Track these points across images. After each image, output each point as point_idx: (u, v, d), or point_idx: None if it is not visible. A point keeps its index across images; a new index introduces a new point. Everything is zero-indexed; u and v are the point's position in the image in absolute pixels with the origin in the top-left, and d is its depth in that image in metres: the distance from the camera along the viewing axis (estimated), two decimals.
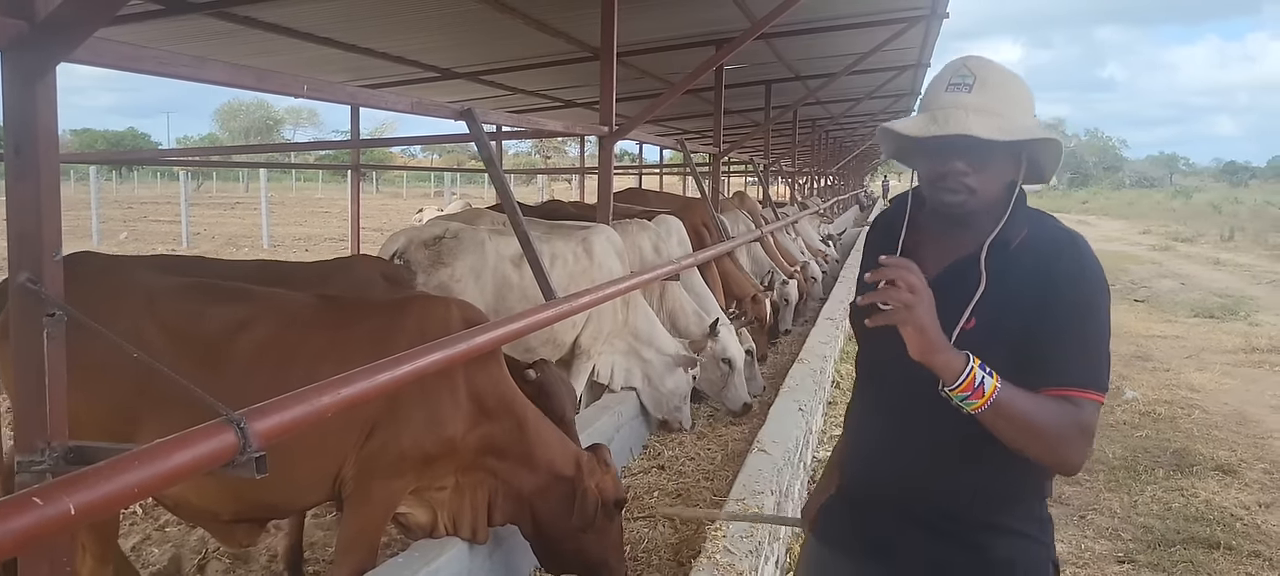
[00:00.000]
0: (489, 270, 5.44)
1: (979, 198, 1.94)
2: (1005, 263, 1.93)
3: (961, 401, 1.80)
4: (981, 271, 1.93)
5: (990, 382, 1.79)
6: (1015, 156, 1.96)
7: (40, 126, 2.05)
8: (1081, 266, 1.92)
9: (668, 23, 8.61)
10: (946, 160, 1.92)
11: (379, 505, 3.33)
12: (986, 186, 1.94)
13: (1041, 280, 1.90)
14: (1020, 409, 1.81)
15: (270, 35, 7.58)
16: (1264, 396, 9.23)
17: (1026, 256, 1.93)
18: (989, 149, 1.88)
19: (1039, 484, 2.02)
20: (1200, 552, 5.24)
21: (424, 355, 2.70)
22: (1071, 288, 1.89)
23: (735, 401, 6.83)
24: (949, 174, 1.92)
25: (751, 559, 3.47)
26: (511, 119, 6.57)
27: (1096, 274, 1.94)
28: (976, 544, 2.00)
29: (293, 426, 2.12)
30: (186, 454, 1.85)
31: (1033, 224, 1.99)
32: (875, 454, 2.13)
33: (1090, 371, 1.87)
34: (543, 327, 3.93)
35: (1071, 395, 1.84)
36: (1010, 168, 1.96)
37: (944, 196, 1.95)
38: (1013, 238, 1.95)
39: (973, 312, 1.90)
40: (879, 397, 2.15)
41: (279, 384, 2.30)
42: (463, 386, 3.40)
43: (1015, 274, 1.92)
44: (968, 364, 1.79)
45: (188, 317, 3.26)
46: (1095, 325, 1.90)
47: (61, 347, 2.13)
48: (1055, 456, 1.87)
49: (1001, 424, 1.81)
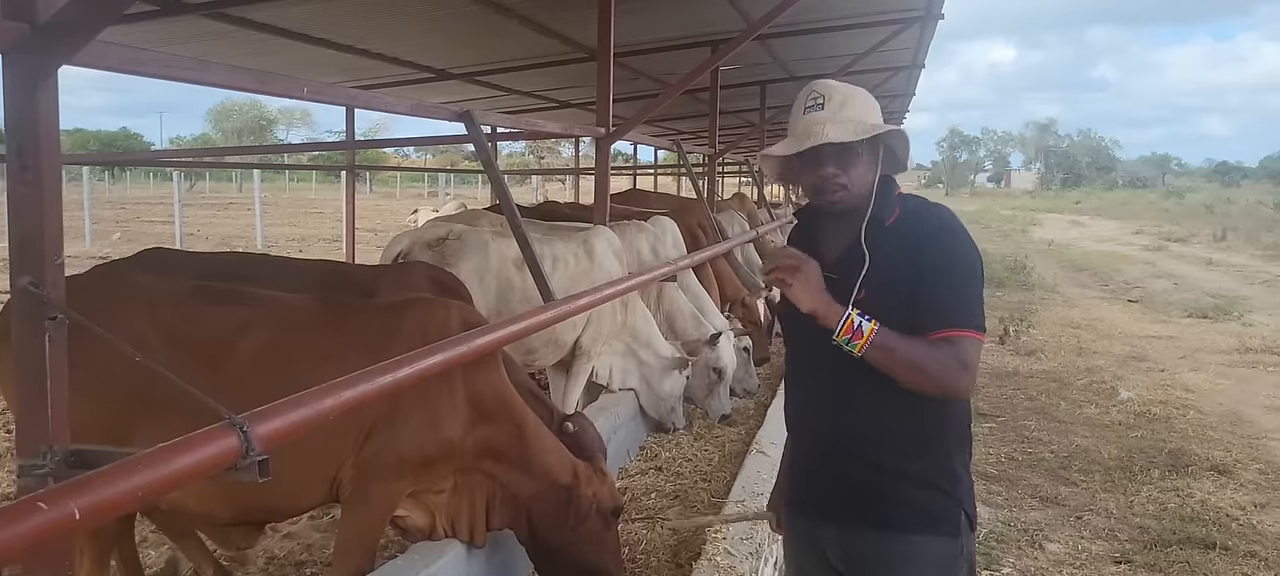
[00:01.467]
0: (492, 272, 5.45)
1: (852, 192, 2.32)
2: (883, 238, 2.30)
3: (846, 345, 2.18)
4: (863, 249, 2.28)
5: (867, 326, 2.17)
6: (874, 152, 2.34)
7: (42, 130, 2.04)
8: (939, 227, 2.29)
9: (664, 24, 8.60)
10: (820, 167, 2.31)
11: (377, 507, 3.33)
12: (857, 181, 2.31)
13: (914, 244, 2.27)
14: (899, 347, 2.17)
15: (265, 36, 7.56)
16: (1258, 397, 9.26)
17: (900, 230, 2.31)
18: (850, 150, 2.27)
19: (943, 439, 2.33)
20: (1197, 553, 5.26)
21: (426, 357, 2.69)
22: (932, 245, 2.25)
23: (716, 411, 6.87)
24: (825, 178, 2.31)
25: (752, 560, 3.48)
26: (508, 120, 6.58)
27: (956, 231, 2.30)
28: (892, 490, 2.31)
29: (296, 429, 2.11)
30: (190, 457, 1.84)
31: (904, 204, 2.37)
32: (804, 417, 2.52)
33: (962, 312, 2.21)
34: (543, 330, 3.93)
35: (949, 335, 2.18)
36: (872, 162, 2.33)
37: (826, 197, 2.34)
38: (885, 216, 2.32)
39: (861, 285, 2.26)
40: (800, 369, 2.54)
41: (277, 387, 2.29)
42: (461, 388, 3.40)
43: (892, 245, 2.28)
44: (845, 311, 2.18)
45: (187, 321, 3.26)
46: (962, 274, 2.25)
47: (63, 351, 2.12)
48: (940, 385, 2.19)
49: (887, 361, 2.18)
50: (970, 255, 2.29)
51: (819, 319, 2.19)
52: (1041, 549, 5.34)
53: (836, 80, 2.35)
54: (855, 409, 2.33)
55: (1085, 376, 9.96)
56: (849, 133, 2.24)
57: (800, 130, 2.30)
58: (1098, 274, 21.50)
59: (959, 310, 2.21)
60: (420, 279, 4.64)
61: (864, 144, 2.28)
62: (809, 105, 2.31)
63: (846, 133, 2.24)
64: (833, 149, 2.25)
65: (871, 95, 2.37)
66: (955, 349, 2.17)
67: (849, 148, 2.26)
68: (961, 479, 2.36)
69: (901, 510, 2.32)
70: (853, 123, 2.26)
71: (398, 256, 5.45)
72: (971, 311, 2.23)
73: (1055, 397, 8.97)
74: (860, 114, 2.29)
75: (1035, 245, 30.27)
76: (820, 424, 2.44)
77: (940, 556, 2.33)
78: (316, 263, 5.19)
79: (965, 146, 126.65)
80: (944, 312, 2.20)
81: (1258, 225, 33.93)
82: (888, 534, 2.34)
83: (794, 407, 2.58)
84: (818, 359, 2.37)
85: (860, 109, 2.30)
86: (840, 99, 2.28)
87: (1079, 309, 15.38)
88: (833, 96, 2.28)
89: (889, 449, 2.31)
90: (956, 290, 2.23)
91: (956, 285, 2.24)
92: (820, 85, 2.32)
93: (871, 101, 2.35)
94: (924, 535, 2.32)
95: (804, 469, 2.55)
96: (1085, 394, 9.18)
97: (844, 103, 2.28)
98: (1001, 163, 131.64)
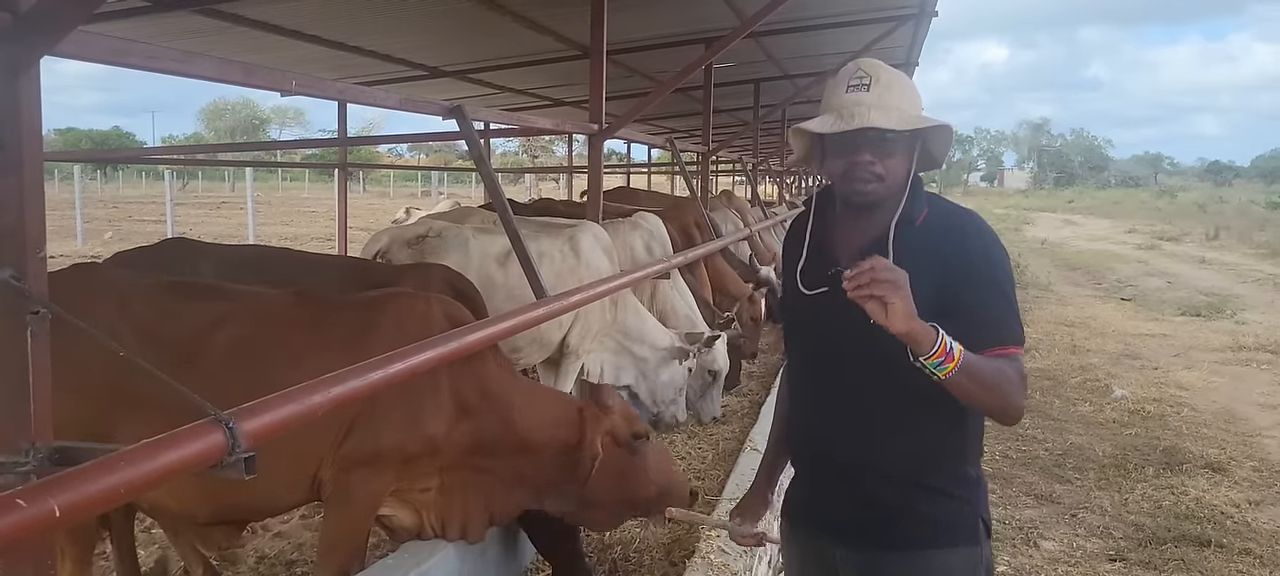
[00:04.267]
0: (473, 269, 5.34)
1: (887, 184, 2.16)
2: (911, 238, 2.17)
3: (935, 368, 1.96)
4: (890, 247, 2.14)
5: (957, 348, 1.97)
6: (912, 145, 2.19)
7: (23, 120, 2.01)
8: (987, 240, 2.20)
9: (657, 20, 8.58)
10: (855, 153, 2.14)
11: (360, 506, 3.28)
12: (892, 174, 2.16)
13: (950, 253, 2.14)
14: (980, 368, 2.00)
15: (256, 32, 7.52)
16: (1252, 394, 9.25)
17: (930, 231, 2.18)
18: (891, 139, 2.13)
19: (962, 447, 2.23)
20: (1191, 550, 5.25)
21: (416, 354, 2.66)
22: (985, 260, 2.15)
23: (707, 413, 6.78)
24: (858, 165, 2.14)
25: (746, 559, 3.45)
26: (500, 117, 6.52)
27: (1000, 244, 2.23)
28: (908, 505, 2.20)
29: (282, 426, 2.08)
30: (174, 454, 1.81)
31: (931, 204, 2.25)
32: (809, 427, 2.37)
33: (1016, 330, 2.13)
34: (532, 327, 3.88)
35: (1007, 353, 2.08)
36: (909, 155, 2.19)
37: (856, 187, 2.17)
38: (915, 215, 2.20)
39: None
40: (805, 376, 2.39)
41: (254, 383, 2.27)
42: (445, 384, 3.33)
43: (920, 246, 2.14)
44: (939, 333, 1.95)
45: (162, 318, 3.21)
46: (1010, 289, 2.17)
47: (46, 345, 2.09)
48: (1007, 405, 2.08)
49: (966, 383, 1.99)
50: (1009, 264, 2.21)
51: (910, 339, 1.94)
52: (1036, 547, 5.32)
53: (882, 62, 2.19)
54: (869, 418, 2.21)
55: (1079, 374, 9.94)
56: (895, 120, 2.09)
57: (842, 109, 2.13)
58: (1091, 272, 21.51)
59: (1011, 326, 2.12)
60: (438, 279, 4.57)
61: (904, 135, 2.14)
62: (852, 83, 2.14)
63: (891, 119, 2.09)
64: (873, 135, 2.10)
65: (914, 83, 2.23)
66: (1017, 367, 2.08)
67: (889, 137, 2.12)
68: (978, 484, 2.28)
69: (920, 526, 2.20)
70: (899, 111, 2.11)
71: (377, 254, 5.38)
72: (1019, 325, 2.14)
73: (1049, 395, 8.95)
74: (906, 103, 2.15)
75: (1028, 244, 30.27)
76: (829, 435, 2.29)
77: (961, 568, 2.23)
78: (338, 258, 5.14)
79: (958, 145, 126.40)
80: (998, 328, 2.09)
81: (1250, 224, 34.05)
82: (908, 553, 2.22)
83: (798, 417, 2.43)
84: (826, 365, 2.27)
85: (906, 97, 2.15)
86: (887, 82, 2.13)
87: (1072, 307, 15.38)
88: (880, 77, 2.13)
89: (904, 460, 2.19)
90: (1007, 303, 2.13)
91: (1005, 298, 2.14)
92: (867, 64, 2.17)
93: (916, 91, 2.21)
94: (944, 548, 2.21)
95: (809, 482, 2.42)
96: (1079, 392, 9.17)
97: (890, 86, 2.13)
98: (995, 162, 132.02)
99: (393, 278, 4.48)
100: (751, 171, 14.45)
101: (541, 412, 3.55)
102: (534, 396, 3.64)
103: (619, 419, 3.55)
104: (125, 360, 2.87)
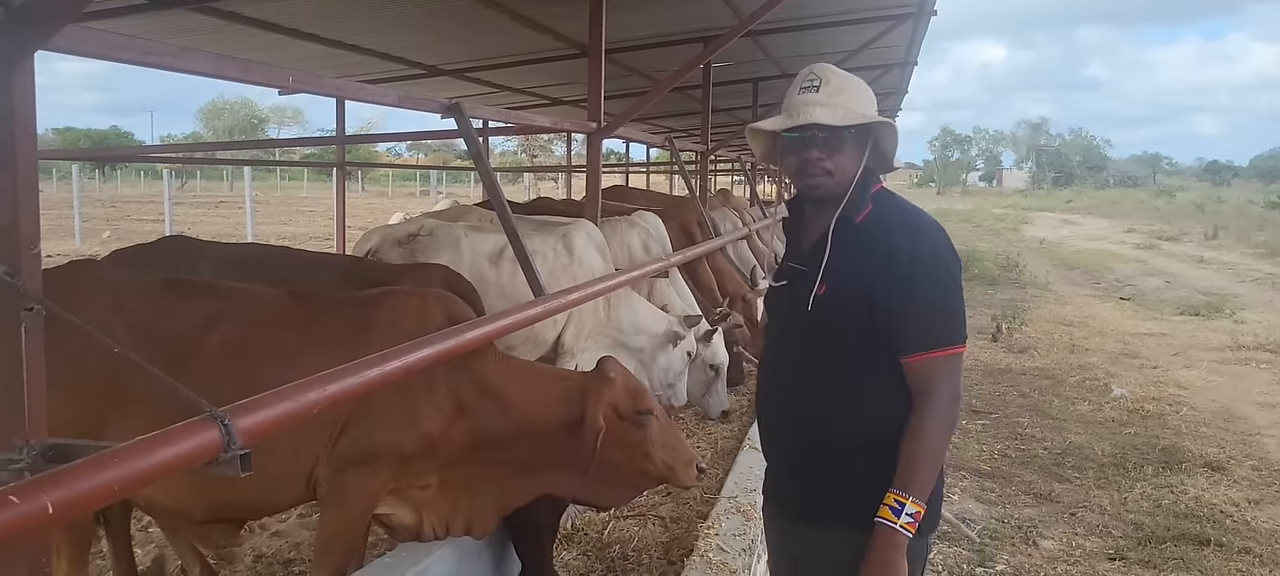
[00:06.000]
0: (465, 268, 5.26)
1: (836, 180, 2.28)
2: (851, 236, 2.27)
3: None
4: (827, 246, 2.27)
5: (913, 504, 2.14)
6: (862, 143, 2.30)
7: (17, 116, 2.00)
8: (917, 241, 2.23)
9: (656, 19, 8.56)
10: (805, 150, 2.27)
11: (355, 505, 3.25)
12: (841, 169, 2.27)
13: (883, 254, 2.21)
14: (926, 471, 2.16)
15: (254, 30, 7.50)
16: (1251, 393, 9.25)
17: (870, 231, 2.27)
18: (838, 137, 2.24)
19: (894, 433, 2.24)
20: (1191, 549, 5.24)
21: (413, 352, 2.64)
22: (910, 260, 2.19)
23: (715, 408, 6.71)
24: (808, 161, 2.27)
25: (744, 557, 3.43)
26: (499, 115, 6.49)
27: (934, 243, 2.24)
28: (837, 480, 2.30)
29: (278, 423, 2.07)
30: (169, 451, 1.80)
31: (879, 203, 2.32)
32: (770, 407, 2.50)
33: (948, 329, 2.21)
34: (531, 325, 3.86)
35: (937, 356, 2.17)
36: (858, 153, 2.29)
37: (807, 181, 2.31)
38: (856, 214, 2.29)
39: (822, 278, 2.25)
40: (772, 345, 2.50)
41: (248, 382, 2.25)
42: (442, 383, 3.29)
43: (859, 245, 2.26)
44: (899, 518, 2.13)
45: (156, 316, 3.19)
46: (941, 285, 2.21)
47: (40, 342, 2.07)
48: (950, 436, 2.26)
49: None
50: (951, 267, 2.27)
51: None
52: (1035, 546, 5.31)
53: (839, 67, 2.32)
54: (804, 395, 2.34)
55: (1078, 373, 9.94)
56: (838, 117, 2.21)
57: (792, 108, 2.27)
58: (1089, 272, 21.50)
59: (936, 328, 2.20)
60: (437, 278, 4.53)
61: (853, 133, 2.26)
62: (804, 86, 2.27)
63: (835, 116, 2.21)
64: (821, 133, 2.23)
65: (870, 89, 2.35)
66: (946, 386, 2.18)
67: (837, 134, 2.24)
68: None
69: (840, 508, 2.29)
70: (844, 109, 2.23)
71: (368, 253, 5.33)
72: (956, 327, 2.23)
73: (1048, 394, 8.95)
74: (855, 103, 2.26)
75: (1027, 243, 30.28)
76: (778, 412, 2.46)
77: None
78: (337, 257, 5.12)
79: (957, 145, 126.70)
80: (921, 332, 2.19)
81: (1248, 223, 34.04)
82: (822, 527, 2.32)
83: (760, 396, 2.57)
84: (778, 348, 2.43)
85: (855, 98, 2.27)
86: (837, 84, 2.25)
87: (1071, 306, 15.37)
88: (830, 80, 2.25)
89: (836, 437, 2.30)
90: (940, 306, 2.22)
91: (940, 301, 2.22)
92: (820, 68, 2.29)
93: (868, 93, 2.33)
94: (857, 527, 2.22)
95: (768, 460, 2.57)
96: (1078, 391, 9.17)
97: (840, 88, 2.25)
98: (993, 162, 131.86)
99: (392, 276, 4.46)
100: (750, 171, 14.43)
101: (542, 393, 3.47)
102: (533, 379, 3.56)
103: (622, 392, 3.44)
104: (120, 357, 2.88)
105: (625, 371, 3.54)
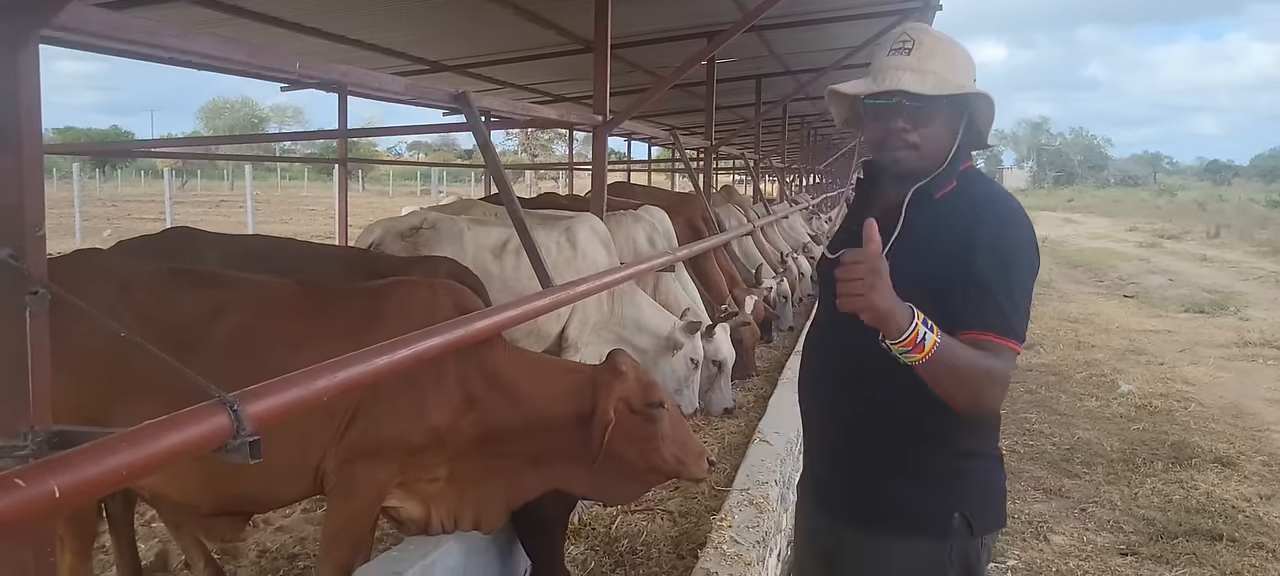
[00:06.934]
0: (468, 260, 5.17)
1: (922, 154, 2.06)
2: (927, 211, 2.05)
3: (902, 354, 1.86)
4: (900, 216, 2.06)
5: (931, 337, 1.85)
6: (956, 116, 2.07)
7: (22, 97, 1.95)
8: (1003, 224, 2.02)
9: (659, 14, 8.53)
10: (888, 119, 2.04)
11: (363, 498, 3.20)
12: (929, 144, 2.05)
13: (960, 237, 1.98)
14: (954, 360, 1.88)
15: (257, 24, 7.48)
16: (1259, 389, 9.21)
17: (949, 208, 2.05)
18: (928, 106, 2.01)
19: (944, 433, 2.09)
20: (1203, 544, 5.20)
21: (422, 340, 2.60)
22: (991, 242, 1.97)
23: (718, 405, 6.63)
24: (892, 132, 2.05)
25: (758, 549, 3.39)
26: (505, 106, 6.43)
27: (1019, 229, 2.04)
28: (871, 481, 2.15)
29: (288, 410, 2.03)
30: (177, 436, 1.76)
31: (964, 181, 2.10)
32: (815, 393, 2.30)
33: (1009, 321, 1.95)
34: (540, 316, 3.82)
35: (990, 340, 1.93)
36: (951, 127, 2.07)
37: (888, 153, 2.08)
38: (938, 189, 2.07)
39: (889, 253, 1.95)
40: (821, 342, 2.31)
41: (255, 371, 2.19)
42: (450, 374, 3.22)
43: (935, 223, 2.03)
44: (913, 321, 1.84)
45: (162, 304, 3.14)
46: (1016, 277, 1.99)
47: (45, 327, 2.03)
48: (978, 402, 1.96)
49: (935, 372, 1.88)
50: (1030, 255, 2.05)
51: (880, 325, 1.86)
52: (1046, 541, 5.27)
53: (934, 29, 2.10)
54: (855, 389, 2.13)
55: (1084, 370, 9.90)
56: (928, 85, 1.98)
57: (878, 72, 2.04)
58: (1092, 270, 21.47)
59: (1005, 316, 1.95)
60: (444, 270, 4.47)
61: (945, 104, 2.03)
62: (894, 47, 2.04)
63: (925, 84, 1.98)
64: (909, 101, 2.00)
65: (970, 55, 2.09)
66: (995, 363, 1.93)
67: (926, 104, 2.00)
68: (960, 477, 2.14)
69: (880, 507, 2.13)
70: (935, 76, 1.99)
71: (371, 246, 5.27)
72: (1019, 321, 1.98)
73: (1055, 391, 8.91)
74: (948, 70, 2.02)
75: None
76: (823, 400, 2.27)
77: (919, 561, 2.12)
78: (344, 249, 5.07)
79: None
80: (987, 315, 1.94)
81: (1250, 222, 34.04)
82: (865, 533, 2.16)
83: (803, 380, 2.37)
84: (829, 330, 2.21)
85: (949, 64, 2.03)
86: (929, 47, 2.02)
87: (1075, 304, 15.34)
88: (923, 43, 2.02)
89: (879, 437, 2.12)
90: (1010, 294, 1.97)
91: (1011, 288, 1.97)
92: (913, 28, 2.08)
93: (966, 60, 2.07)
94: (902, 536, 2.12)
95: (807, 447, 2.40)
96: (1085, 387, 9.13)
97: (933, 52, 2.02)
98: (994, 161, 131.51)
99: (399, 268, 4.41)
100: (754, 168, 14.39)
101: (552, 386, 3.40)
102: (543, 371, 3.49)
103: (634, 384, 3.35)
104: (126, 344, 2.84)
105: (636, 364, 3.48)
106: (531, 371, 3.47)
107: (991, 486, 2.20)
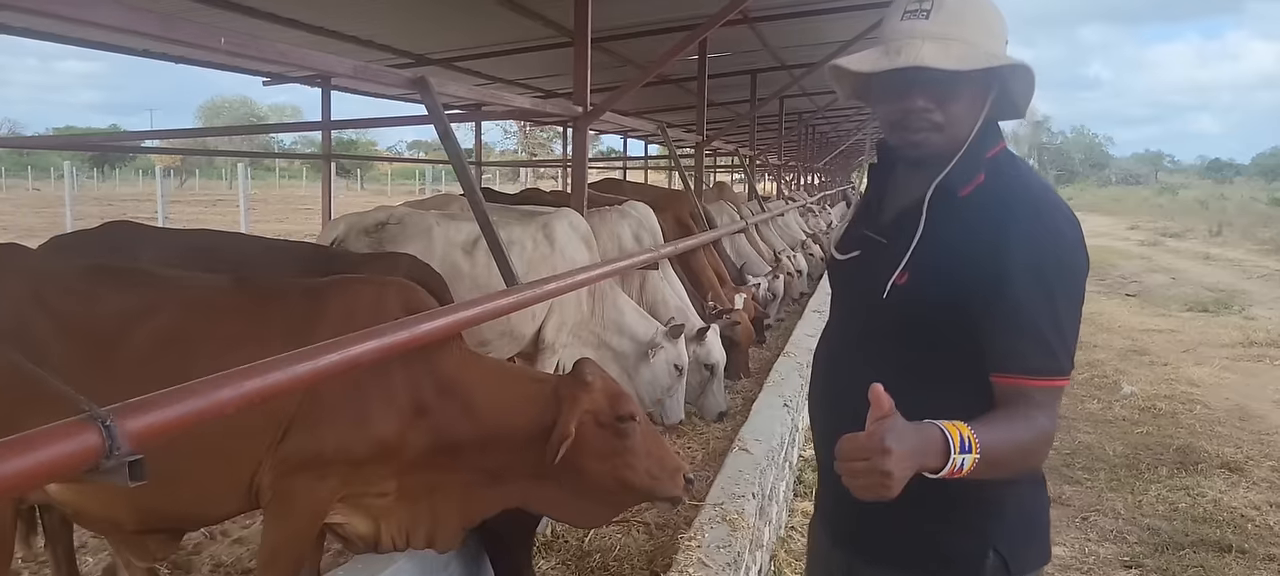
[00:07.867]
0: (437, 258, 4.87)
1: (947, 136, 1.74)
2: (951, 213, 1.73)
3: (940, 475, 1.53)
4: (921, 219, 1.74)
5: (969, 460, 1.50)
6: (984, 88, 1.75)
7: None
8: (1036, 232, 1.67)
9: (648, 6, 8.29)
10: (906, 97, 1.72)
11: (302, 514, 2.94)
12: (955, 123, 1.73)
13: (989, 243, 1.66)
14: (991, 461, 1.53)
15: (230, 15, 7.23)
16: (1266, 391, 8.96)
17: (977, 208, 1.72)
18: (953, 80, 1.68)
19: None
20: (1211, 556, 4.94)
21: (355, 344, 2.36)
22: (1024, 257, 1.64)
23: (712, 409, 6.34)
24: (910, 112, 1.73)
25: (729, 571, 3.13)
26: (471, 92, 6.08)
27: (1058, 235, 1.69)
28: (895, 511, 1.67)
29: (176, 425, 1.78)
30: (33, 457, 1.53)
31: (994, 172, 1.76)
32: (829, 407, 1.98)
33: (1050, 351, 1.64)
34: (500, 316, 3.56)
35: (1025, 386, 1.62)
36: (978, 101, 1.75)
37: (907, 136, 1.76)
38: (962, 186, 1.74)
39: (906, 266, 1.73)
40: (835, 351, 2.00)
41: (183, 377, 1.95)
42: (398, 380, 2.97)
43: (960, 226, 1.71)
44: (946, 458, 1.49)
45: (79, 304, 2.89)
46: (1058, 295, 1.65)
47: None
48: (1022, 470, 1.70)
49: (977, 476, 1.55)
50: (1078, 272, 1.70)
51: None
52: None
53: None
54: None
55: (1086, 370, 9.64)
56: (953, 59, 1.65)
57: (892, 41, 1.71)
58: (1094, 268, 20.86)
59: (1050, 346, 1.63)
60: (403, 268, 4.19)
61: (971, 76, 1.69)
62: (909, 10, 1.70)
63: (950, 58, 1.65)
64: (928, 74, 1.67)
65: (1000, 12, 1.76)
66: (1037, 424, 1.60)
67: (953, 75, 1.67)
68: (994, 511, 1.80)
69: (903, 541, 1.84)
70: (962, 46, 1.66)
71: (333, 242, 5.00)
72: (1063, 349, 1.65)
73: None
74: (977, 35, 1.68)
75: None
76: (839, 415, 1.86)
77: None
78: (298, 244, 4.78)
79: None
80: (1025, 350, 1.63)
81: (1253, 221, 33.81)
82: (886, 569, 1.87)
83: (814, 391, 2.06)
84: (843, 337, 1.94)
85: (978, 28, 1.69)
86: (952, 10, 1.68)
87: None
88: (945, 3, 1.68)
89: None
90: (1052, 315, 1.64)
91: (1053, 308, 1.64)
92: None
93: (996, 18, 1.74)
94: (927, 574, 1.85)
95: (821, 465, 2.08)
96: (1087, 388, 8.87)
97: (958, 15, 1.68)
98: None
99: (355, 266, 4.14)
100: (748, 165, 14.14)
101: (512, 395, 3.15)
102: (502, 380, 3.23)
103: (601, 395, 3.10)
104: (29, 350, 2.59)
105: (604, 374, 3.22)
106: (490, 379, 3.20)
107: (1032, 517, 1.89)
